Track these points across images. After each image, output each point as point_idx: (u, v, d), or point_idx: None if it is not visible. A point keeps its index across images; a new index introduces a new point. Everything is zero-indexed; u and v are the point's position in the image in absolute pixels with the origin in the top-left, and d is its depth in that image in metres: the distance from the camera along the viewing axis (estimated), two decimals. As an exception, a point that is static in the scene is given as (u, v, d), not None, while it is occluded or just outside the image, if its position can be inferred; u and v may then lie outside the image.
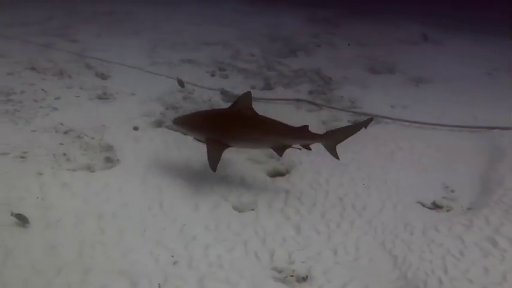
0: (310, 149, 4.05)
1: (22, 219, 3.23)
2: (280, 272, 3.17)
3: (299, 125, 3.93)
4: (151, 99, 5.63)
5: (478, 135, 5.38)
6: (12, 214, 3.22)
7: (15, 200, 3.50)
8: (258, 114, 3.95)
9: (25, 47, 6.97)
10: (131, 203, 3.71)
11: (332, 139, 4.02)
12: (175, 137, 4.84)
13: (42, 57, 6.64)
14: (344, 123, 5.66)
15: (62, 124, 4.75)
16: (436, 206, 4.02)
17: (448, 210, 3.98)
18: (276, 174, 4.50)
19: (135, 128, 4.91)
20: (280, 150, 3.95)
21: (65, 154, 4.22)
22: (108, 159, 4.28)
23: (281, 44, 8.80)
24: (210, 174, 4.25)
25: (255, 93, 6.56)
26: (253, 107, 3.98)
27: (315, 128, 5.43)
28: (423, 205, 4.04)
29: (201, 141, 4.21)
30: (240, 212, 3.85)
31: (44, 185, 3.74)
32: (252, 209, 3.88)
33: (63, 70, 6.25)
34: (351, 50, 8.94)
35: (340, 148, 4.98)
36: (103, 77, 6.34)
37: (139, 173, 4.14)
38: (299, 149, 4.09)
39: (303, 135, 3.94)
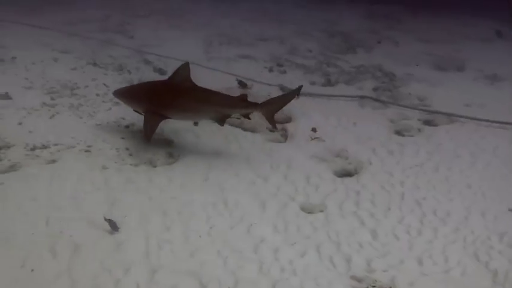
0: (249, 119, 4.14)
1: (113, 226, 3.06)
2: (360, 281, 2.87)
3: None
4: (210, 94, 5.49)
5: None
6: (105, 219, 3.07)
7: (82, 194, 3.44)
8: (196, 85, 3.97)
9: (86, 43, 7.07)
10: (195, 200, 3.55)
11: (269, 108, 4.09)
12: (235, 132, 4.66)
13: (103, 52, 6.69)
14: (414, 121, 5.29)
15: (124, 118, 4.71)
16: (533, 215, 3.58)
17: (548, 220, 3.52)
18: (344, 174, 4.21)
19: (195, 123, 4.78)
20: (220, 120, 4.00)
21: (127, 149, 4.15)
22: (170, 155, 4.17)
23: (339, 39, 8.46)
24: (273, 172, 4.03)
25: (315, 90, 6.38)
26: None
27: (383, 124, 5.11)
28: (517, 213, 3.61)
29: (139, 113, 4.17)
30: (308, 213, 3.59)
31: (108, 179, 3.66)
32: (321, 211, 3.61)
33: (122, 65, 6.26)
34: (414, 46, 8.45)
35: (412, 147, 4.63)
36: (161, 72, 6.29)
37: (201, 169, 3.99)
38: (238, 118, 4.14)
39: (241, 105, 4.01)
